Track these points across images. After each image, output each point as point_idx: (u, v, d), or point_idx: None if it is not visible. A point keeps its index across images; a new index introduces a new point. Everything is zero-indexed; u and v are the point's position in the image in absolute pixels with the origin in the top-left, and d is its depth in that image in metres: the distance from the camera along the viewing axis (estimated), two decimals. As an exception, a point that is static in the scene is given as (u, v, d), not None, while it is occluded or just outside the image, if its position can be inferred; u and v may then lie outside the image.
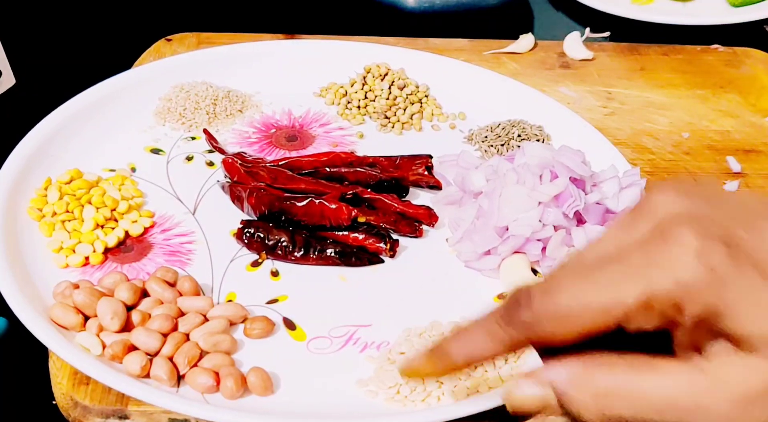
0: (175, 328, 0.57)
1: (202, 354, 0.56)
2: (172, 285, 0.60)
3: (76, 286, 0.58)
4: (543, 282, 0.42)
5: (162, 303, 0.59)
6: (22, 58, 0.73)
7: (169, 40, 0.88)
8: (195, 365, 0.55)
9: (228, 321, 0.58)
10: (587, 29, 0.94)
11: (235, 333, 0.59)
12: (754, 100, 0.86)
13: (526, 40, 0.91)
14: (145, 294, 0.60)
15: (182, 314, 0.58)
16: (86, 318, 0.57)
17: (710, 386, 0.41)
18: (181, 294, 0.60)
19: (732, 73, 0.90)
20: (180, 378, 0.55)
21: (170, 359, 0.55)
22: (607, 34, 0.96)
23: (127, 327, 0.57)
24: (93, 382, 0.56)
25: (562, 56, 0.91)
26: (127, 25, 0.97)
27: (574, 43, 0.91)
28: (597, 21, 0.98)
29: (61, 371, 0.57)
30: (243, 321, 0.59)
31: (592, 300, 0.40)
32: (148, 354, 0.55)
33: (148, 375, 0.55)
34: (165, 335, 0.56)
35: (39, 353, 0.58)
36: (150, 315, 0.57)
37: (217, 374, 0.54)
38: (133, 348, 0.56)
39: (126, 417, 0.55)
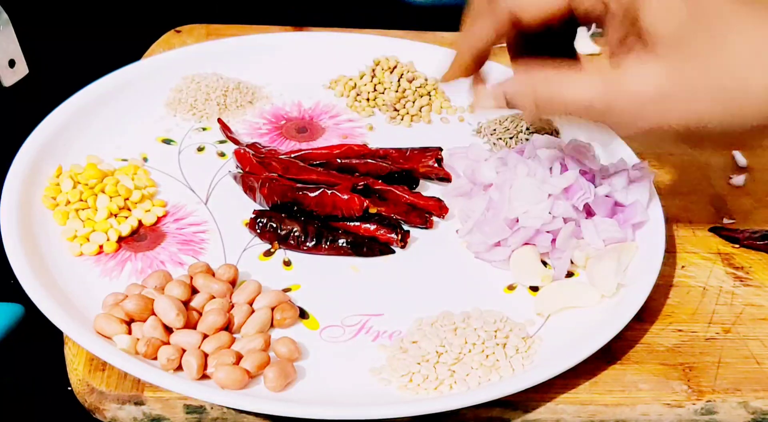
0: (225, 324, 0.58)
1: (239, 358, 0.56)
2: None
3: (126, 296, 0.58)
4: None
5: (213, 297, 0.59)
6: (34, 49, 0.73)
7: (178, 31, 0.89)
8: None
9: (272, 312, 0.59)
10: (594, 24, 0.94)
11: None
12: None
13: None
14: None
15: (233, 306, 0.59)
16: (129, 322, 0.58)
17: (616, 90, 0.50)
18: (233, 286, 0.61)
19: (739, 69, 0.90)
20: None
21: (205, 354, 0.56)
22: None
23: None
24: (109, 368, 0.56)
25: None
26: (136, 16, 0.98)
27: (582, 38, 0.91)
28: None
29: (77, 357, 0.57)
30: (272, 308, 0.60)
31: None
32: (184, 350, 0.56)
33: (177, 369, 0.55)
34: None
35: (55, 339, 0.59)
36: (201, 312, 0.58)
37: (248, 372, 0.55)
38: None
39: (142, 403, 0.56)
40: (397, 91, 0.80)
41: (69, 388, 0.58)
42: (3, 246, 0.61)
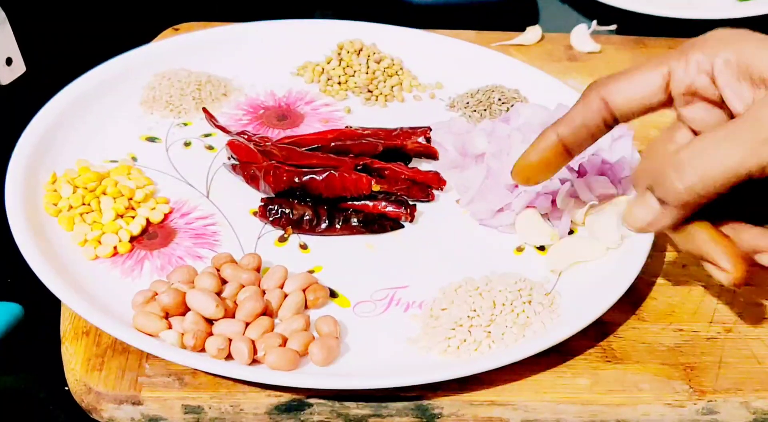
0: (263, 310, 0.59)
1: (285, 340, 0.57)
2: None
3: (155, 293, 0.59)
4: (687, 149, 0.49)
5: (242, 286, 0.60)
6: (32, 47, 0.72)
7: (176, 29, 0.87)
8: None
9: (304, 293, 0.60)
10: (594, 22, 0.94)
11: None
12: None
13: (532, 33, 0.91)
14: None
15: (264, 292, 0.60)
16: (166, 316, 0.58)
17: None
18: (258, 271, 0.61)
19: (738, 66, 0.91)
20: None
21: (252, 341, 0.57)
22: (613, 26, 0.96)
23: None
24: (106, 368, 0.57)
25: (569, 49, 0.91)
26: (134, 14, 0.97)
27: (581, 36, 0.91)
28: (603, 14, 0.99)
29: (74, 357, 0.58)
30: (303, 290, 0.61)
31: (737, 163, 0.48)
32: (230, 339, 0.56)
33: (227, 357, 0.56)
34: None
35: (52, 339, 0.59)
36: (236, 302, 0.59)
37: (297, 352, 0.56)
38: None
39: (139, 403, 0.56)
40: (367, 73, 0.82)
41: (66, 388, 0.58)
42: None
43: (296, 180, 0.67)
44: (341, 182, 0.67)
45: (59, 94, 0.74)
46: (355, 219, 0.66)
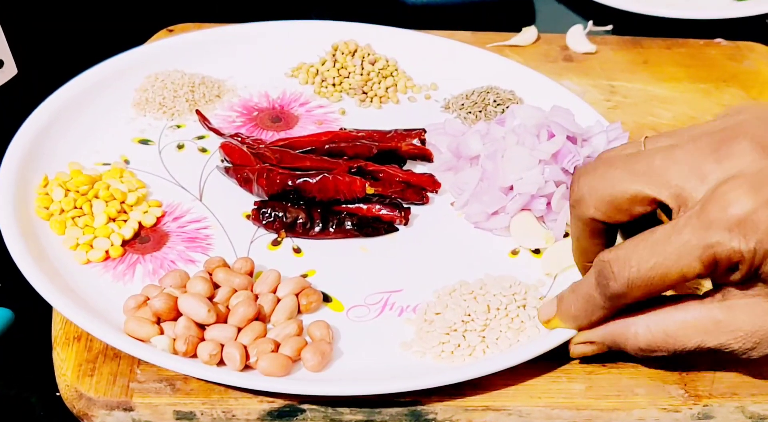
0: (256, 315, 0.58)
1: (277, 345, 0.57)
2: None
3: (147, 298, 0.59)
4: (618, 254, 0.51)
5: (235, 291, 0.60)
6: (23, 49, 0.72)
7: (170, 30, 0.87)
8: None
9: (297, 298, 0.60)
10: (590, 22, 0.94)
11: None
12: (757, 95, 0.86)
13: (528, 33, 0.91)
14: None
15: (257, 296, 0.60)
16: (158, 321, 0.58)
17: (725, 321, 0.52)
18: (251, 276, 0.61)
19: (735, 67, 0.90)
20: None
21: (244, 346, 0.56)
22: (609, 27, 0.96)
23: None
24: (98, 374, 0.56)
25: (565, 49, 0.91)
26: (128, 15, 0.97)
27: (577, 36, 0.91)
28: (599, 14, 0.98)
29: (65, 363, 0.57)
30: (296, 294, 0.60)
31: (668, 271, 0.50)
32: (222, 344, 0.56)
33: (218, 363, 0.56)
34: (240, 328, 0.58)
35: (43, 344, 0.59)
36: (228, 307, 0.59)
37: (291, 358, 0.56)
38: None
39: (131, 409, 0.55)
40: (362, 75, 0.82)
41: (57, 394, 0.58)
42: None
43: (290, 183, 0.67)
44: (335, 185, 0.66)
45: (51, 96, 0.74)
46: (349, 223, 0.66)
